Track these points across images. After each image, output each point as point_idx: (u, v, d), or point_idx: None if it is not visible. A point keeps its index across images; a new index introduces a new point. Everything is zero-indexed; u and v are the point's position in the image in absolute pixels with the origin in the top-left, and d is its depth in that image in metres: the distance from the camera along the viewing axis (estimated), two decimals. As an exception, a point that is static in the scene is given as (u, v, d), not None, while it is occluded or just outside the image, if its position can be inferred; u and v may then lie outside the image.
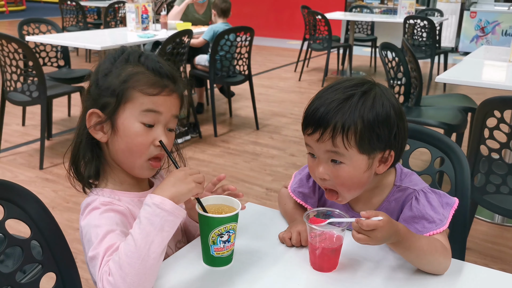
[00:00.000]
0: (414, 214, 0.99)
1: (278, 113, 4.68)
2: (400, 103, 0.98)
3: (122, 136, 0.95)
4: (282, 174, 3.26)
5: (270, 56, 7.82)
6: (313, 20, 5.75)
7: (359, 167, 0.95)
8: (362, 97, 0.93)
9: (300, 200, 1.15)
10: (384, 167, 0.99)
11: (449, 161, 1.26)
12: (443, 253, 0.95)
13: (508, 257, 2.35)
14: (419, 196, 1.01)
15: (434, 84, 5.71)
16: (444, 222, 0.98)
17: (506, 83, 2.50)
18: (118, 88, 0.94)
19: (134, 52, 1.00)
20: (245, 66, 4.07)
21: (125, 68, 0.97)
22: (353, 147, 0.93)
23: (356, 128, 0.92)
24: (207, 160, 3.51)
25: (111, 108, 0.95)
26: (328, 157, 0.96)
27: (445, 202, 1.01)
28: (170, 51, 3.49)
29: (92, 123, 0.97)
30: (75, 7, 6.61)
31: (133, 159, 0.97)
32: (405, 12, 5.91)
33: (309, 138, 0.96)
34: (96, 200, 0.95)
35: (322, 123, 0.93)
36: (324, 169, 0.97)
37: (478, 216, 2.69)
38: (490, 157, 1.98)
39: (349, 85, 0.95)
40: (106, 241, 0.88)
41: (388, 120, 0.94)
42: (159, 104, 0.95)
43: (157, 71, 0.97)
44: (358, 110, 0.92)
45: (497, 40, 7.34)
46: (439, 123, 2.72)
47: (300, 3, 7.02)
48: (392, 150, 0.98)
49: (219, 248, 0.95)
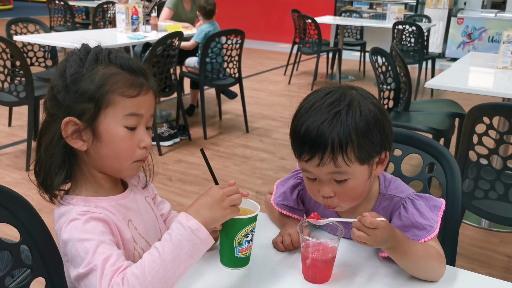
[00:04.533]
0: (404, 223, 0.99)
1: (268, 116, 4.69)
2: (378, 99, 0.99)
3: (106, 143, 0.90)
4: (272, 178, 3.26)
5: (260, 59, 7.83)
6: (303, 23, 5.77)
7: (362, 178, 0.96)
8: (349, 110, 0.91)
9: (286, 212, 1.14)
10: (381, 168, 1.00)
11: (440, 167, 1.27)
12: (438, 259, 0.95)
13: (495, 261, 2.38)
14: (406, 204, 1.01)
15: (422, 89, 5.77)
16: (435, 227, 0.98)
17: (493, 89, 2.53)
18: (95, 93, 0.88)
19: (101, 50, 0.93)
20: (236, 69, 4.06)
21: (97, 69, 0.90)
22: (354, 162, 0.92)
23: (353, 143, 0.91)
24: (197, 163, 3.49)
25: (90, 114, 0.89)
26: (331, 177, 0.95)
27: (432, 205, 1.01)
28: (161, 53, 3.47)
29: (69, 133, 0.89)
30: (63, 6, 6.55)
31: (120, 164, 0.93)
32: (394, 17, 5.97)
33: (307, 164, 0.94)
34: (72, 211, 0.89)
35: (319, 146, 0.91)
36: (329, 188, 0.96)
37: (465, 220, 2.72)
38: (478, 162, 2.00)
39: (330, 101, 0.93)
40: (100, 252, 0.83)
41: (377, 123, 0.94)
42: (140, 106, 0.92)
43: (131, 69, 0.92)
44: (349, 124, 0.91)
45: (483, 46, 7.43)
46: (428, 128, 2.75)
47: (290, 6, 7.05)
48: (387, 150, 0.98)
49: (243, 249, 0.96)
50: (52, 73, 0.94)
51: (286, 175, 1.21)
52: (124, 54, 0.94)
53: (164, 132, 3.80)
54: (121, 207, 0.96)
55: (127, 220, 0.95)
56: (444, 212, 1.24)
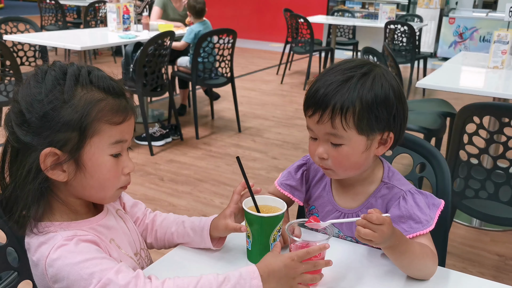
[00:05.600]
0: (402, 214, 1.00)
1: (260, 116, 4.68)
2: (401, 85, 1.01)
3: (91, 173, 0.84)
4: (264, 177, 3.26)
5: (252, 59, 7.82)
6: (296, 23, 5.77)
7: (358, 148, 0.97)
8: (362, 79, 0.94)
9: (287, 193, 1.15)
10: (383, 148, 1.01)
11: (431, 166, 1.28)
12: (432, 258, 0.96)
13: (486, 260, 2.39)
14: (406, 196, 1.02)
15: (414, 88, 5.79)
16: (431, 223, 0.99)
17: (484, 89, 2.54)
18: (80, 123, 0.81)
19: (79, 71, 0.84)
20: (228, 69, 4.05)
21: (78, 94, 0.82)
22: (352, 128, 0.94)
23: (354, 109, 0.93)
24: (188, 162, 3.48)
25: (74, 145, 0.81)
26: (327, 139, 0.98)
27: (431, 203, 1.02)
28: (152, 53, 3.46)
29: (49, 165, 0.81)
30: (54, 5, 6.51)
31: (104, 193, 0.89)
32: (386, 17, 5.98)
33: (310, 120, 0.98)
34: (56, 237, 0.82)
35: (321, 104, 0.94)
36: (324, 149, 0.99)
37: (456, 220, 2.73)
38: (469, 162, 2.00)
39: (349, 66, 0.97)
40: (105, 268, 0.78)
41: (387, 102, 0.95)
42: (125, 132, 0.87)
43: (114, 92, 0.85)
44: (356, 91, 0.93)
45: (475, 46, 7.48)
46: (419, 127, 2.76)
47: (282, 6, 7.05)
48: (391, 132, 0.99)
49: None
50: (20, 93, 0.83)
51: (278, 174, 1.21)
52: (103, 72, 0.88)
53: (155, 132, 3.78)
54: (102, 227, 0.91)
55: (109, 239, 0.92)
56: (435, 212, 1.25)
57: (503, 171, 1.92)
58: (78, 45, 3.39)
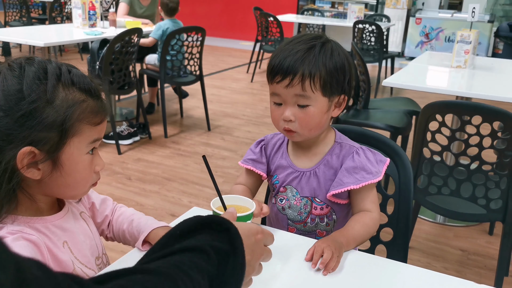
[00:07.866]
0: (356, 165, 1.14)
1: (230, 114, 4.67)
2: (348, 54, 1.16)
3: (68, 172, 0.84)
4: (233, 176, 3.25)
5: (222, 57, 7.79)
6: (266, 21, 5.78)
7: (321, 109, 1.10)
8: (323, 48, 1.09)
9: (250, 167, 1.25)
10: (338, 110, 1.16)
11: (394, 164, 1.29)
12: (371, 220, 1.13)
13: (449, 255, 2.45)
14: (359, 151, 1.17)
15: (381, 87, 5.89)
16: (379, 175, 1.14)
17: (447, 88, 2.60)
18: (62, 123, 0.80)
19: (57, 67, 0.83)
20: (197, 66, 4.02)
21: (59, 93, 0.81)
22: (318, 91, 1.08)
23: (320, 74, 1.07)
24: (157, 161, 3.44)
25: (53, 144, 0.80)
26: (296, 101, 1.09)
27: (379, 159, 1.17)
28: (119, 50, 3.39)
29: (25, 164, 0.79)
30: (18, 1, 6.32)
31: (77, 191, 0.89)
32: (355, 16, 6.06)
33: (278, 86, 1.09)
34: (3, 229, 0.80)
35: (291, 70, 1.07)
36: (291, 111, 1.10)
37: (421, 216, 2.79)
38: (432, 159, 2.05)
39: (308, 38, 1.11)
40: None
41: (343, 68, 1.11)
42: (102, 131, 0.89)
43: (94, 93, 0.85)
44: (321, 59, 1.08)
45: (440, 46, 7.66)
46: (386, 125, 2.80)
47: (253, 4, 7.04)
48: (345, 95, 1.14)
49: None
50: None
51: None
52: (79, 71, 0.87)
53: (123, 130, 3.72)
54: (56, 228, 0.89)
55: (62, 242, 0.89)
56: (397, 208, 1.28)
57: (465, 168, 1.97)
58: (42, 41, 3.30)
